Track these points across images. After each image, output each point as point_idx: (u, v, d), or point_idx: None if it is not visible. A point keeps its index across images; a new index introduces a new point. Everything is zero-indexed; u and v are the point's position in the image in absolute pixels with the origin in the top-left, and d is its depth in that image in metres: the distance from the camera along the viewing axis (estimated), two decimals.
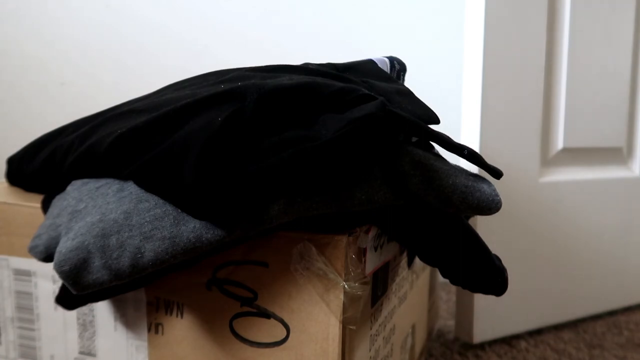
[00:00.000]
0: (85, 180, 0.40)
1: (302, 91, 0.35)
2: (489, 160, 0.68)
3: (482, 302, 0.69)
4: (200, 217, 0.32)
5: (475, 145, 0.67)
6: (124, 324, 0.42)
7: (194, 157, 0.32)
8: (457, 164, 0.37)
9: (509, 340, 0.72)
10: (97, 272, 0.33)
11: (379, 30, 0.97)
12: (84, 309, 0.44)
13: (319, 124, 0.34)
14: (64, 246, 0.34)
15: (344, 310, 0.35)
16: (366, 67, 0.44)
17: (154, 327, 0.40)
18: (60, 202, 0.40)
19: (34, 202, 0.44)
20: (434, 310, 0.70)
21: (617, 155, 0.83)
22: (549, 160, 0.75)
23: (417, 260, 0.54)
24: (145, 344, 0.41)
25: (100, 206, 0.36)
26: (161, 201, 0.34)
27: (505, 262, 0.70)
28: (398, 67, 0.47)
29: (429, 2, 0.96)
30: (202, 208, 0.32)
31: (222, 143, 0.32)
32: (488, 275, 0.37)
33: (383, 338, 0.43)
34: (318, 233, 0.35)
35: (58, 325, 0.45)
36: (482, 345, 0.70)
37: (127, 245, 0.33)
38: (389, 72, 0.46)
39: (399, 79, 0.48)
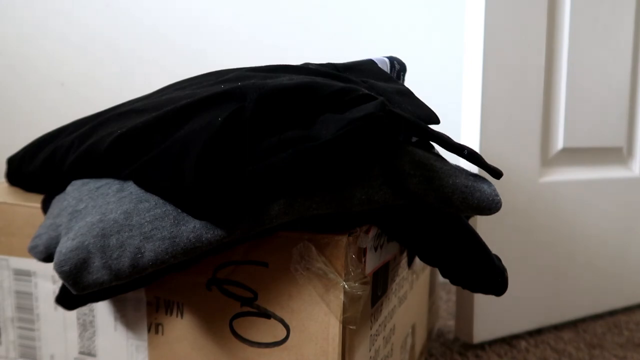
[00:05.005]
0: (85, 180, 0.40)
1: (302, 91, 0.35)
2: (489, 160, 0.68)
3: (482, 302, 0.69)
4: (200, 217, 0.32)
5: (475, 145, 0.67)
6: (124, 324, 0.42)
7: (194, 157, 0.32)
8: (457, 164, 0.37)
9: (509, 340, 0.72)
10: (97, 272, 0.33)
11: (379, 30, 0.97)
12: (84, 309, 0.44)
13: (319, 124, 0.34)
14: (64, 246, 0.34)
15: (344, 310, 0.35)
16: (366, 67, 0.44)
17: (154, 327, 0.40)
18: (60, 202, 0.40)
19: (34, 202, 0.44)
20: (434, 310, 0.70)
21: (617, 155, 0.83)
22: (549, 160, 0.75)
23: (417, 260, 0.54)
24: (145, 344, 0.41)
25: (100, 206, 0.36)
26: (161, 201, 0.34)
27: (505, 262, 0.70)
28: (398, 67, 0.47)
29: (430, 2, 0.96)
30: (202, 208, 0.32)
31: (222, 143, 0.32)
32: (488, 275, 0.37)
33: (383, 338, 0.43)
34: (318, 233, 0.35)
35: (58, 325, 0.45)
36: (482, 345, 0.70)
37: (127, 245, 0.33)
38: (389, 72, 0.46)
39: (399, 79, 0.48)
